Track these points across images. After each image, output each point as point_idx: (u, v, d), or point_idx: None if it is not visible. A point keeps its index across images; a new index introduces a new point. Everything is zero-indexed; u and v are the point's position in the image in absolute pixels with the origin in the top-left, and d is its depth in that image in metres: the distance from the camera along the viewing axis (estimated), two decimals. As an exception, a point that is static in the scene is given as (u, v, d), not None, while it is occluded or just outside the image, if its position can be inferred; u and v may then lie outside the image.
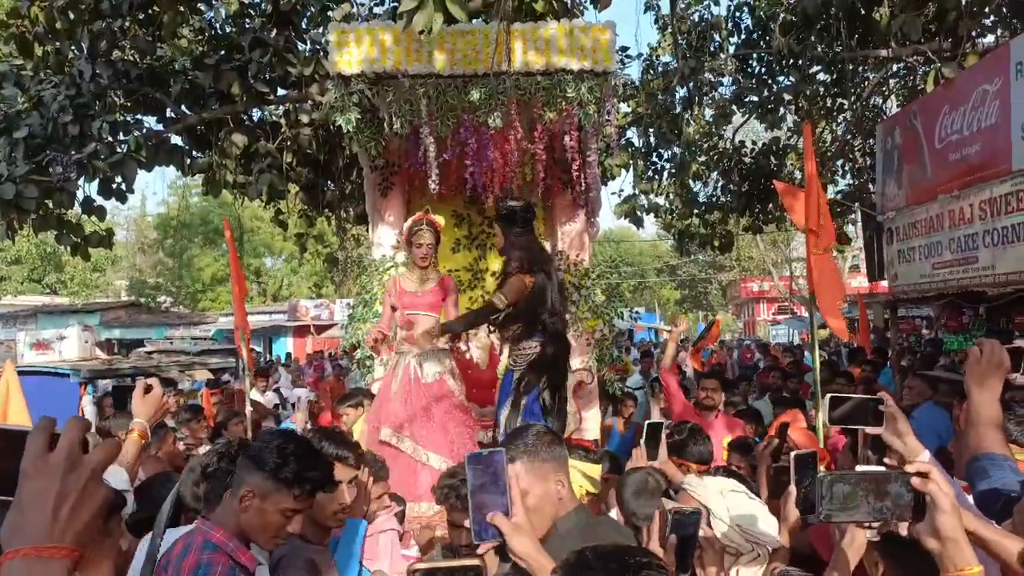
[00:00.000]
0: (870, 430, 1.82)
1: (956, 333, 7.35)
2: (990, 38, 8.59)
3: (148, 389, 2.37)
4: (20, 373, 6.49)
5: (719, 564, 1.86)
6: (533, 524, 1.76)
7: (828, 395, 1.87)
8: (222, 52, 7.60)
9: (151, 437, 3.40)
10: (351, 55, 5.16)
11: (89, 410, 7.45)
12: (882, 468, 1.42)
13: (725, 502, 1.94)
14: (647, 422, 2.99)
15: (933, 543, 1.24)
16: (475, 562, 1.27)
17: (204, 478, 2.13)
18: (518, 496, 1.43)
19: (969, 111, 6.41)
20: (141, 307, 27.50)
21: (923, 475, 1.25)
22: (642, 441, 2.83)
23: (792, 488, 2.07)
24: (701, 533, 1.71)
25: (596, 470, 3.07)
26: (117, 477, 2.22)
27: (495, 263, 6.95)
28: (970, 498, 2.15)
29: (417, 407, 4.18)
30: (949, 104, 6.82)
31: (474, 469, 1.43)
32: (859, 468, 1.43)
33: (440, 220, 4.55)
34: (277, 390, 8.86)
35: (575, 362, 6.19)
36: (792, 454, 2.16)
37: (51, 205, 6.87)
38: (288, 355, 22.14)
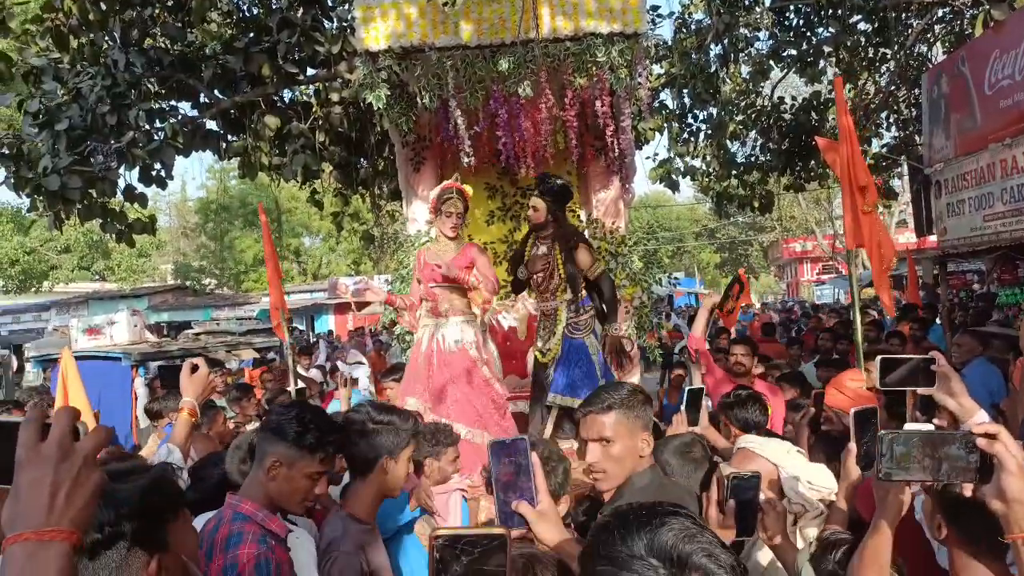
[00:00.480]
0: (923, 391, 1.80)
1: (1010, 287, 7.09)
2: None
3: (194, 369, 2.42)
4: (76, 358, 6.72)
5: (782, 526, 1.85)
6: (611, 473, 1.87)
7: (879, 356, 1.84)
8: (251, 35, 7.62)
9: (201, 417, 3.51)
10: (377, 30, 5.13)
11: (141, 392, 7.70)
12: (942, 428, 1.40)
13: (792, 460, 1.93)
14: (688, 388, 2.99)
15: (999, 505, 1.22)
16: (500, 531, 1.26)
17: (250, 455, 2.18)
18: (543, 483, 1.42)
19: (1021, 55, 6.11)
20: (187, 290, 28.21)
21: (991, 436, 1.23)
22: (683, 407, 2.81)
23: (852, 445, 2.00)
24: (761, 496, 1.70)
25: None
26: (173, 456, 2.29)
27: (529, 234, 6.94)
28: None
29: (439, 377, 4.19)
30: (999, 48, 6.51)
31: (498, 456, 1.43)
32: (916, 426, 1.39)
33: (468, 189, 4.50)
34: (321, 367, 9.03)
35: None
36: (852, 410, 2.09)
37: (95, 194, 7.03)
38: (330, 332, 22.53)
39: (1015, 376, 2.69)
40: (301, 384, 5.32)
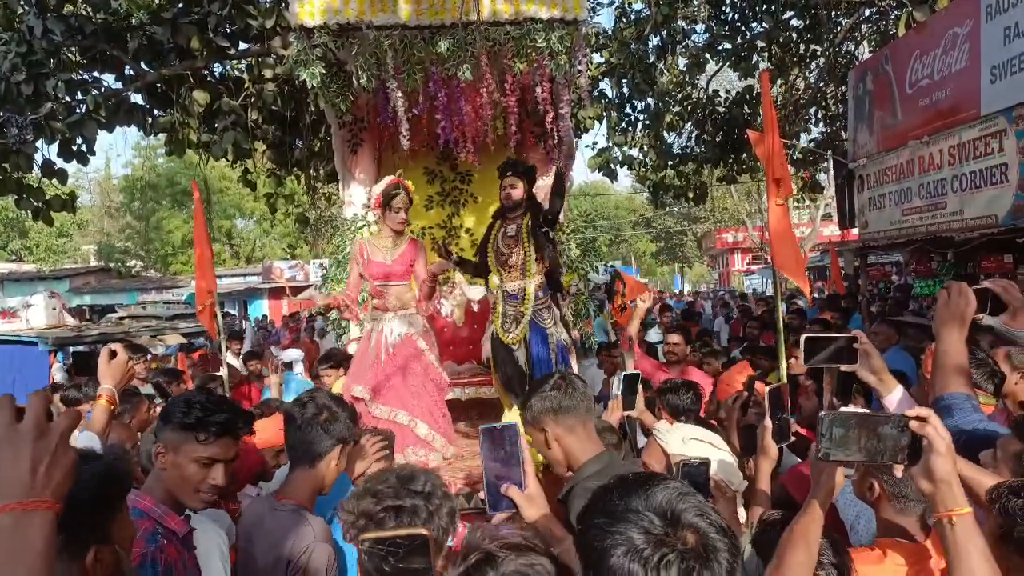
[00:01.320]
0: (846, 367, 1.86)
1: (925, 279, 7.48)
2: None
3: (113, 355, 2.32)
4: (-12, 342, 6.35)
5: (733, 509, 1.91)
6: (552, 459, 1.89)
7: (803, 336, 1.89)
8: (180, 5, 7.30)
9: (124, 405, 3.37)
10: (312, 5, 4.98)
11: (59, 377, 7.33)
12: (879, 411, 1.47)
13: (685, 448, 1.97)
14: (623, 373, 2.97)
15: (926, 484, 1.27)
16: (422, 531, 1.32)
17: None
18: (531, 468, 1.47)
19: (940, 55, 6.41)
20: (111, 272, 27.06)
21: (922, 419, 1.28)
22: (619, 391, 2.84)
23: (767, 421, 2.10)
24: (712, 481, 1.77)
25: None
26: (93, 444, 2.19)
27: (469, 219, 6.90)
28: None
29: (387, 369, 4.23)
30: (920, 48, 6.81)
31: (488, 442, 1.47)
32: (856, 410, 1.45)
33: (411, 184, 4.49)
34: (251, 352, 8.77)
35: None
36: (766, 388, 2.20)
37: (8, 168, 6.64)
38: (264, 317, 21.99)
39: (924, 364, 2.82)
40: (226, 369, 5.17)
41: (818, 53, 12.20)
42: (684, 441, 2.00)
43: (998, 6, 5.69)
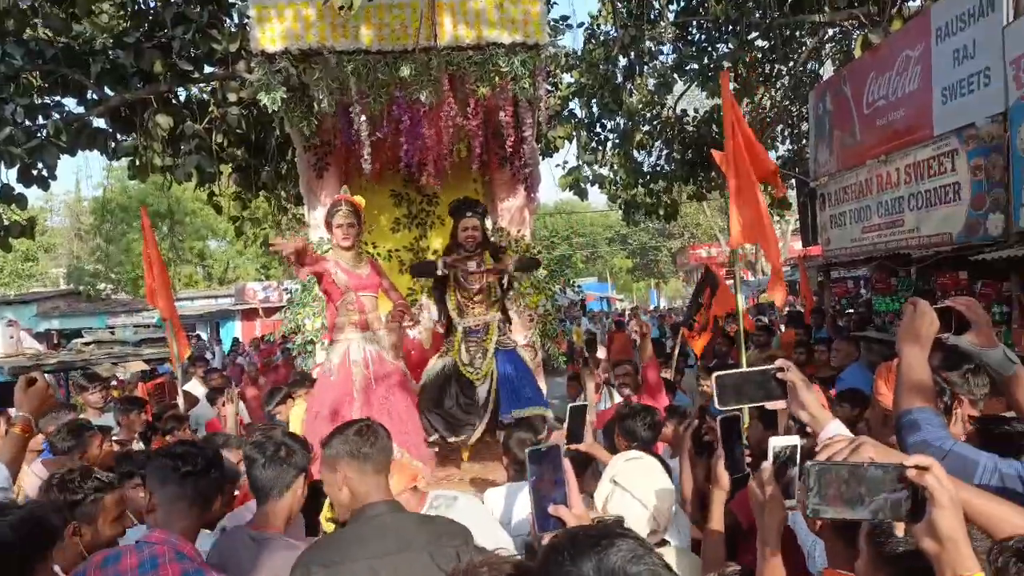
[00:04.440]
0: (771, 405, 1.71)
1: (885, 295, 7.61)
2: (916, 1, 8.79)
3: (32, 382, 2.28)
4: (-58, 373, 6.18)
5: None
6: (336, 503, 1.98)
7: (715, 374, 1.73)
8: (143, 29, 7.26)
9: (73, 440, 3.30)
10: (273, 31, 4.99)
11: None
12: (873, 460, 1.27)
13: (604, 486, 1.99)
14: (570, 405, 2.89)
15: (931, 544, 1.11)
16: None
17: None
18: (575, 488, 1.47)
19: (894, 76, 6.57)
20: (80, 295, 26.58)
21: (922, 468, 1.12)
22: (565, 424, 2.78)
23: (720, 450, 2.00)
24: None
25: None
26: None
27: (436, 241, 6.90)
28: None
29: (379, 390, 4.22)
30: (876, 70, 6.97)
31: (535, 464, 1.48)
32: (850, 459, 1.29)
33: (360, 200, 4.47)
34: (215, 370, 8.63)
35: (519, 338, 6.22)
36: (719, 417, 2.09)
37: (-35, 195, 6.53)
38: (236, 340, 21.71)
39: (876, 386, 2.74)
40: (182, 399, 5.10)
41: (783, 73, 12.44)
42: (613, 478, 2.01)
43: (947, 29, 5.85)
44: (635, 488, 1.99)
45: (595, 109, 12.18)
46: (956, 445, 1.72)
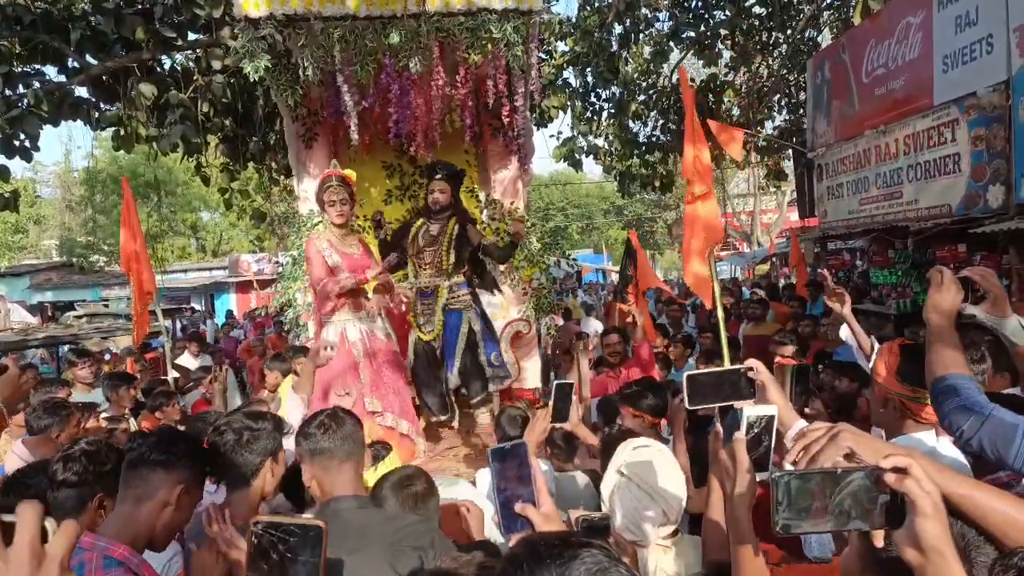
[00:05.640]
0: (740, 405, 1.62)
1: (883, 268, 7.55)
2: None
3: (3, 370, 2.21)
4: (-74, 348, 6.08)
5: (628, 553, 1.84)
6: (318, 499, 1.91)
7: (685, 375, 1.69)
8: (124, -6, 7.05)
9: (51, 419, 3.23)
10: (257, -5, 4.81)
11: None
12: (845, 463, 1.18)
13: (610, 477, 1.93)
14: (556, 382, 2.79)
15: (913, 555, 1.01)
16: (318, 523, 1.28)
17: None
18: (544, 486, 1.42)
19: (894, 44, 6.43)
20: (72, 267, 26.40)
21: (900, 470, 1.02)
22: (550, 402, 2.71)
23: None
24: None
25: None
26: None
27: (428, 213, 6.79)
28: (947, 443, 2.09)
29: (382, 369, 4.25)
30: (875, 37, 6.82)
31: (498, 463, 1.43)
32: (818, 465, 1.21)
33: (351, 174, 4.37)
34: (212, 353, 8.59)
35: (512, 312, 6.15)
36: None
37: (-55, 167, 6.39)
38: (229, 312, 21.63)
39: (876, 365, 2.60)
40: (176, 374, 5.03)
41: (780, 41, 12.24)
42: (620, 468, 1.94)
43: (951, -5, 5.71)
44: (645, 479, 1.91)
45: (590, 78, 11.99)
46: (996, 409, 1.67)
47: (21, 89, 6.98)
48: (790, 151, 13.20)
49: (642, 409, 3.00)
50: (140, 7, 6.72)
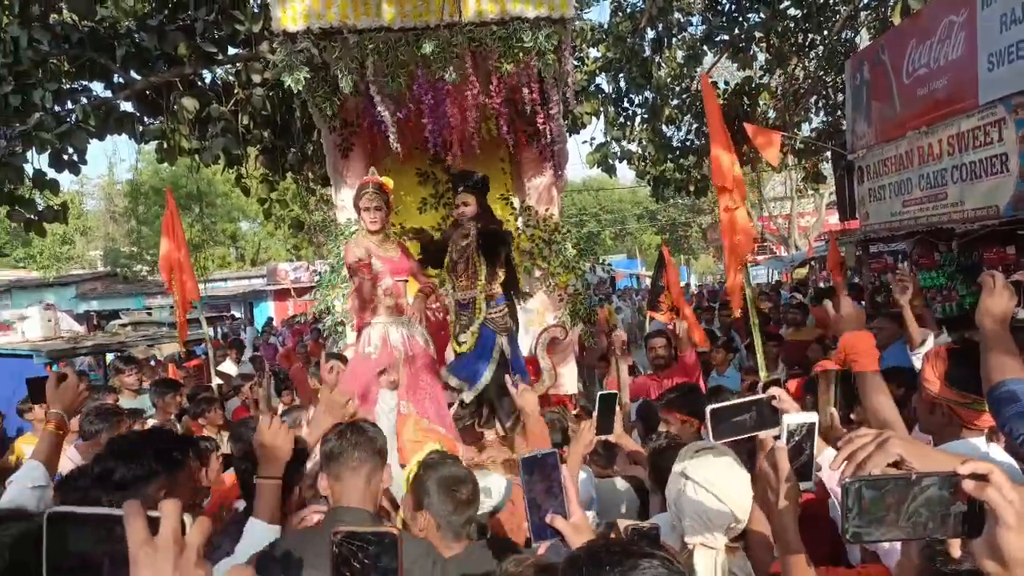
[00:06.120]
0: (764, 435, 1.59)
1: (928, 270, 7.36)
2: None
3: (63, 378, 2.26)
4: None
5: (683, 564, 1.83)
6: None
7: (708, 408, 1.65)
8: (166, 11, 7.25)
9: (101, 424, 3.33)
10: (295, 10, 4.91)
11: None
12: (920, 470, 1.10)
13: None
14: (599, 393, 2.79)
15: (992, 566, 0.95)
16: (391, 530, 1.31)
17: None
18: (574, 495, 1.41)
19: (936, 44, 6.28)
20: (116, 277, 27.09)
21: (980, 477, 0.97)
22: (595, 413, 2.68)
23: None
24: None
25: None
26: (35, 473, 2.10)
27: (461, 222, 6.83)
28: (998, 449, 2.02)
29: (420, 375, 4.28)
30: (916, 37, 6.68)
31: (528, 472, 1.43)
32: (891, 471, 1.17)
33: (388, 181, 4.41)
34: (252, 359, 8.75)
35: (548, 318, 6.15)
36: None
37: (-2, 180, 6.62)
38: (269, 320, 22.01)
39: (923, 372, 2.50)
40: (219, 380, 5.13)
41: (817, 42, 12.05)
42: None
43: (995, -8, 5.57)
44: (711, 482, 1.89)
45: (622, 83, 11.93)
46: None
47: (70, 105, 7.21)
48: (828, 153, 12.98)
49: (689, 414, 2.98)
50: (182, 23, 6.90)
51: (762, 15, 10.90)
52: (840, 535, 1.05)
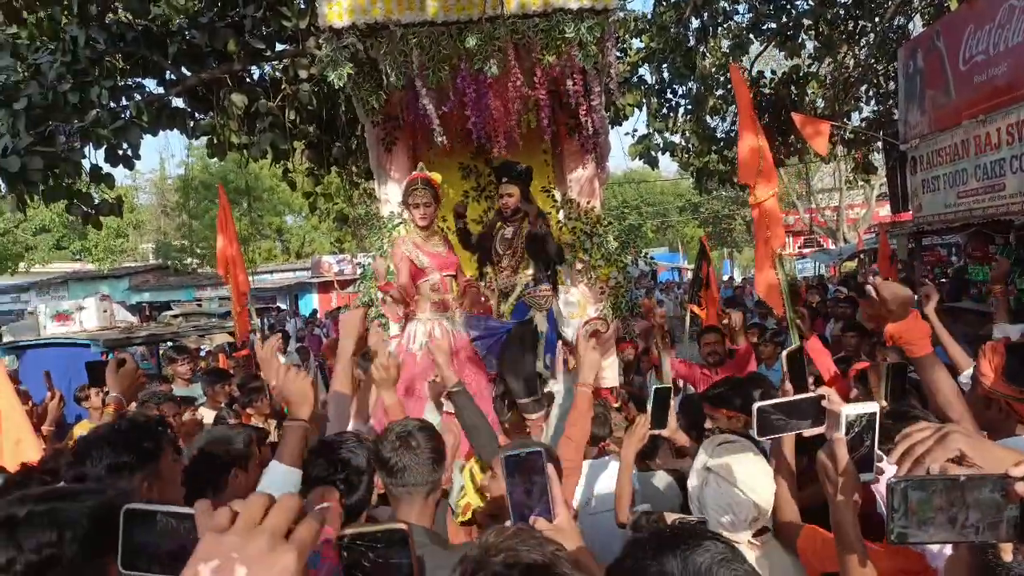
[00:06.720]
0: (808, 432, 1.59)
1: (982, 264, 7.12)
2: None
3: (121, 363, 2.34)
4: (44, 345, 6.53)
5: None
6: None
7: (755, 406, 1.64)
8: (216, 9, 7.41)
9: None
10: (340, 6, 4.97)
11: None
12: (970, 470, 1.09)
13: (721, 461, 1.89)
14: (654, 387, 2.74)
15: None
16: (400, 526, 1.26)
17: None
18: (560, 496, 1.37)
19: (995, 29, 6.07)
20: (168, 270, 27.91)
21: None
22: (649, 408, 2.64)
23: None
24: None
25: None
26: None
27: (504, 214, 6.85)
28: None
29: (466, 368, 4.27)
30: (974, 23, 6.45)
31: (511, 471, 1.38)
32: (940, 471, 1.12)
33: (437, 176, 4.44)
34: (299, 350, 8.93)
35: (590, 311, 6.13)
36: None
37: (58, 175, 6.86)
38: (313, 311, 22.42)
39: (980, 364, 2.38)
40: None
41: (868, 29, 11.72)
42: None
43: (1059, -26, 5.35)
44: (735, 475, 1.89)
45: (666, 74, 11.79)
46: None
47: (124, 101, 7.43)
48: (879, 143, 12.62)
49: (737, 409, 2.94)
50: (231, 21, 7.05)
51: (811, 2, 10.64)
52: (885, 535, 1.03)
